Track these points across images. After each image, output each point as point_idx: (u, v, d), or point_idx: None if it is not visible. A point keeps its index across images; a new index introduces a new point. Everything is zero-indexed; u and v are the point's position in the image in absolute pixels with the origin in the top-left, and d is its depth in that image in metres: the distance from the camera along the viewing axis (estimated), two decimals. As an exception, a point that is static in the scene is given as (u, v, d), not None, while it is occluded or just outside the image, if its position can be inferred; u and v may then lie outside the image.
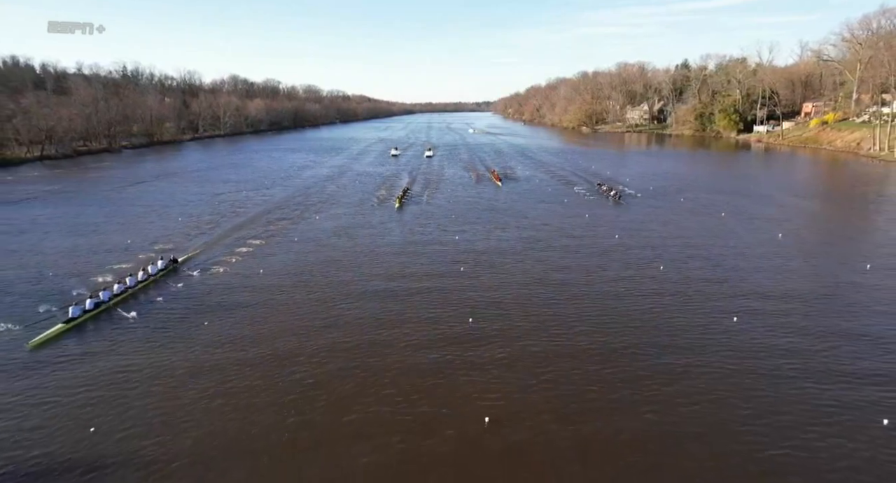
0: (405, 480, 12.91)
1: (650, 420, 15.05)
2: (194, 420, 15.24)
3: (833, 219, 42.95)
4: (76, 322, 21.60)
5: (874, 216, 43.85)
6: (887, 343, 19.64)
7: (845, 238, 36.33)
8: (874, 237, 36.89)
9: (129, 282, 25.55)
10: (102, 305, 23.20)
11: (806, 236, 36.22)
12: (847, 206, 47.92)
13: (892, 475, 12.73)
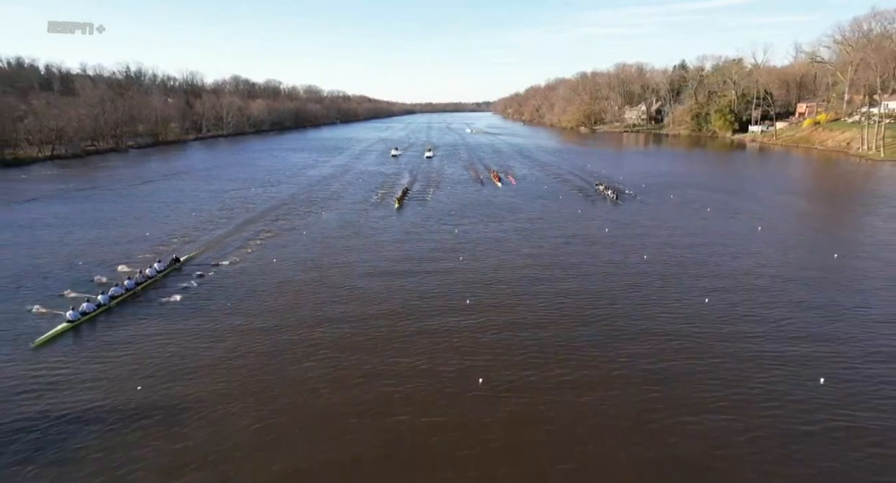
0: (414, 410, 15.23)
1: (616, 367, 17.39)
2: (196, 417, 15.58)
3: (811, 214, 45.26)
4: (80, 321, 21.89)
5: (850, 211, 46.16)
6: (836, 313, 22.03)
7: (819, 231, 38.66)
8: (846, 230, 39.18)
9: (132, 282, 25.94)
10: (105, 305, 23.52)
11: (783, 229, 38.53)
12: (827, 203, 50.27)
13: (818, 424, 15.03)
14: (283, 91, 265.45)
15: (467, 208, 47.60)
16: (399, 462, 13.75)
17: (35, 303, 24.04)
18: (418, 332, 21.22)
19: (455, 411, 15.78)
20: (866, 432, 14.49)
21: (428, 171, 76.48)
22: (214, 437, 14.67)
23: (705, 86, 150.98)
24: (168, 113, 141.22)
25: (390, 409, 15.96)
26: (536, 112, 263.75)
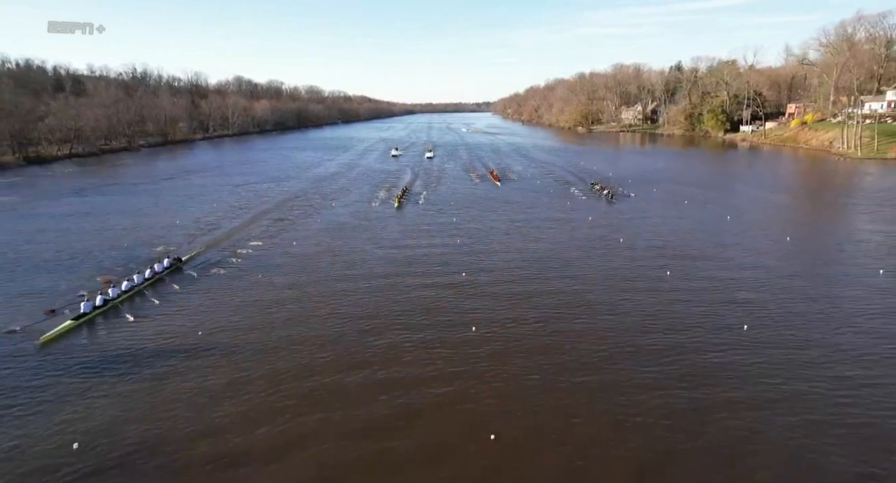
0: (420, 352, 19.44)
1: (585, 328, 21.65)
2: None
3: (778, 205, 49.30)
4: (85, 319, 22.38)
5: (813, 203, 50.41)
6: (764, 278, 26.35)
7: (780, 218, 42.76)
8: (804, 218, 43.40)
9: (136, 280, 26.48)
10: (110, 302, 24.03)
11: (748, 217, 42.75)
12: (795, 196, 54.44)
13: (736, 366, 19.25)
14: (285, 91, 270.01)
15: (465, 201, 51.82)
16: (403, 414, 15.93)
17: (87, 280, 27.20)
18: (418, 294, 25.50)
19: (449, 369, 18.35)
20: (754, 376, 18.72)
21: (428, 170, 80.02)
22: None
23: (699, 87, 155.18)
24: (176, 113, 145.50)
25: (391, 374, 18.36)
26: (535, 112, 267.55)
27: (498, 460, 13.94)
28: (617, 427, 15.12)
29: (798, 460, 13.65)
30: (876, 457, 13.62)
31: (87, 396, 16.78)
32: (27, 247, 34.74)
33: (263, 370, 18.42)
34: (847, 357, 18.95)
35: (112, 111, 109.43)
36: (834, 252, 32.99)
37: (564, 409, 16.04)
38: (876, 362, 18.53)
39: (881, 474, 13.06)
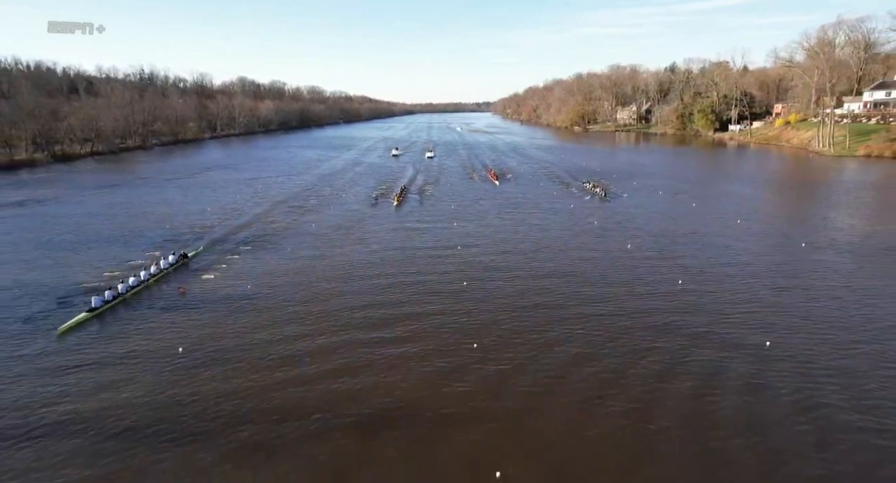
0: (421, 316, 24.92)
1: (564, 304, 27.25)
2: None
3: (742, 195, 54.74)
4: (98, 311, 23.57)
5: (773, 193, 56.03)
6: (701, 248, 31.91)
7: (739, 206, 48.23)
8: (759, 205, 48.94)
9: (144, 275, 27.55)
10: (120, 296, 25.14)
11: (712, 205, 48.42)
12: (760, 187, 59.99)
13: (671, 314, 24.81)
14: (287, 92, 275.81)
15: (462, 194, 57.43)
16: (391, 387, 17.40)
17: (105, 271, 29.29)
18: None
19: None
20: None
21: (428, 169, 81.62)
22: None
23: (691, 87, 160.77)
24: (186, 113, 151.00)
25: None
26: (534, 112, 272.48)
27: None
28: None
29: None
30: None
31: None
32: (87, 228, 40.45)
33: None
34: (737, 297, 24.60)
35: (128, 112, 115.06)
36: (769, 228, 38.88)
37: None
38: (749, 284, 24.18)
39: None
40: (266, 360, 19.36)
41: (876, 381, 17.46)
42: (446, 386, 17.54)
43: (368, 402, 16.53)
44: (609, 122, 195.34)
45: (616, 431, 15.03)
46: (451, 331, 21.83)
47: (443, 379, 17.98)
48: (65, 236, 37.96)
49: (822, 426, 15.10)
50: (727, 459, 13.79)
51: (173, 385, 17.63)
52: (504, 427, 15.30)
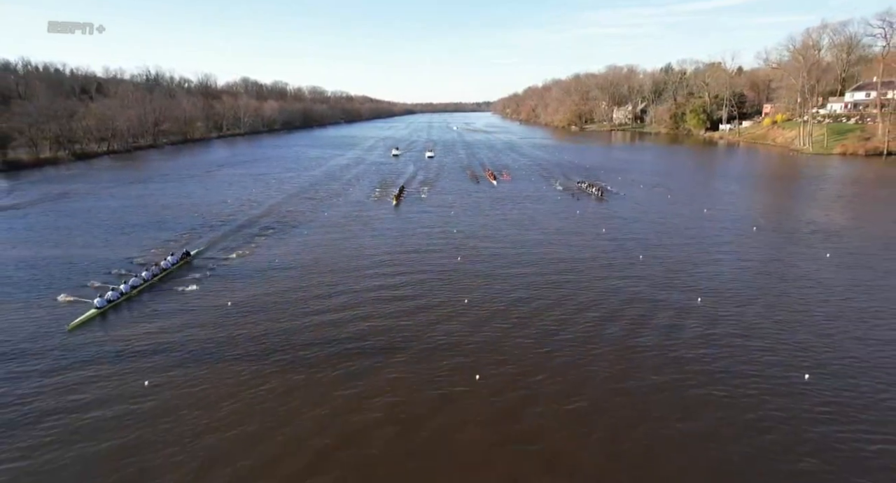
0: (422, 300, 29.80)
1: (548, 286, 32.17)
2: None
3: (715, 188, 59.78)
4: (105, 308, 24.56)
5: (742, 186, 60.84)
6: (671, 241, 36.85)
7: (709, 197, 53.16)
8: (727, 197, 53.82)
9: (147, 274, 28.37)
10: (126, 294, 26.10)
11: (685, 197, 53.31)
12: (734, 181, 64.89)
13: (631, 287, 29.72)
14: (289, 92, 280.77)
15: (464, 202, 62.36)
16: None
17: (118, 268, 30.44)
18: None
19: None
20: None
21: (427, 168, 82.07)
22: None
23: (685, 88, 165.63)
24: (194, 113, 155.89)
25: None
26: (533, 112, 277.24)
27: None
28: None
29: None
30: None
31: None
32: (125, 216, 45.45)
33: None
34: (720, 280, 29.56)
35: (140, 112, 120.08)
36: (728, 215, 43.78)
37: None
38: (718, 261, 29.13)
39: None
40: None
41: (795, 325, 22.42)
42: (437, 323, 22.52)
43: (372, 335, 21.48)
44: (605, 121, 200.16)
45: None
46: (444, 286, 26.81)
47: (435, 319, 22.92)
48: (108, 223, 43.00)
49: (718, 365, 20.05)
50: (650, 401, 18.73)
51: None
52: (480, 349, 20.25)
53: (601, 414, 16.11)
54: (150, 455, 14.53)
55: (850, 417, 15.72)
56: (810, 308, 24.11)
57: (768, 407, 16.28)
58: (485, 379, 18.19)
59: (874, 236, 36.80)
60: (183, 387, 17.93)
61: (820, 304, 24.64)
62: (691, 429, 15.26)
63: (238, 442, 15.07)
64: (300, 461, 14.24)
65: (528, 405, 16.60)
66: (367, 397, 17.26)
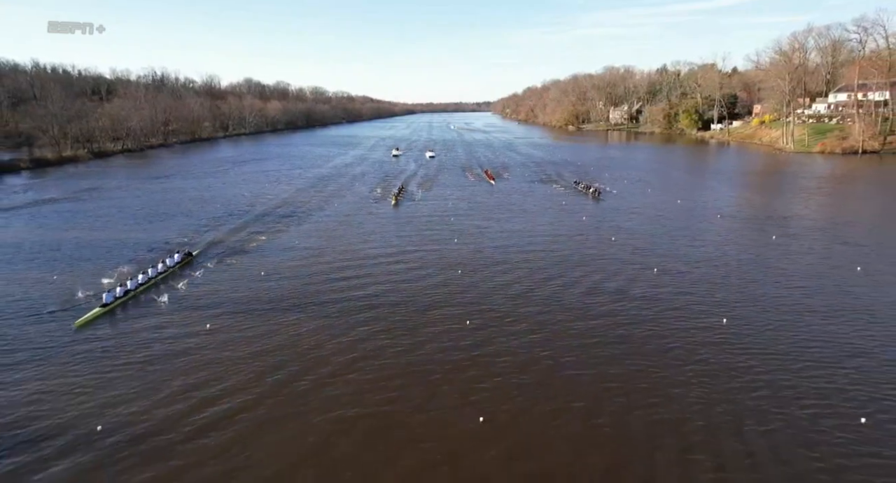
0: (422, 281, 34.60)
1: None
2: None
3: (693, 182, 64.61)
4: (110, 306, 25.02)
5: (720, 181, 65.71)
6: (644, 228, 41.72)
7: (688, 191, 57.95)
8: (704, 191, 58.65)
9: (151, 272, 28.98)
10: (130, 292, 26.63)
11: (664, 190, 58.18)
12: (710, 176, 69.73)
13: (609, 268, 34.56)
14: (291, 93, 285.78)
15: (463, 202, 67.21)
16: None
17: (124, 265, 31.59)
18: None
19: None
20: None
21: (427, 168, 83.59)
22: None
23: (678, 88, 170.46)
24: (201, 114, 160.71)
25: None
26: (531, 112, 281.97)
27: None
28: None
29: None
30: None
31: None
32: (157, 207, 50.46)
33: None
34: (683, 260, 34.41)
35: (152, 112, 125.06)
36: (698, 205, 48.59)
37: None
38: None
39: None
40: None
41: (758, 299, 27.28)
42: (432, 288, 27.39)
43: (372, 294, 26.32)
44: (601, 121, 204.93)
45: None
46: (441, 258, 31.65)
47: (431, 287, 27.77)
48: (143, 212, 47.99)
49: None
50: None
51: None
52: (461, 314, 25.07)
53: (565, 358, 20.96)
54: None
55: (756, 347, 20.53)
56: (740, 273, 29.04)
57: (693, 340, 21.09)
58: (474, 324, 23.04)
59: (817, 222, 41.86)
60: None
61: (750, 271, 29.62)
62: (624, 348, 20.10)
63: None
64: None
65: (500, 336, 21.45)
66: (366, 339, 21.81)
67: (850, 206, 49.82)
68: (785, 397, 17.05)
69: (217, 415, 16.45)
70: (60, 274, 30.21)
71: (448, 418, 16.26)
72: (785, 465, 13.88)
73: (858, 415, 15.96)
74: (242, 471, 14.03)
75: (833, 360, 19.44)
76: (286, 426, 15.90)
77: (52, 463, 14.36)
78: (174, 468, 14.09)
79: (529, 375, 18.73)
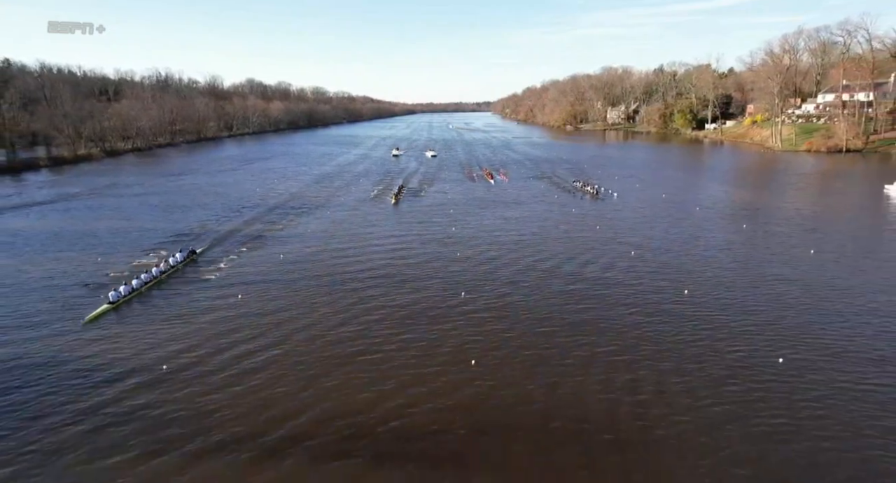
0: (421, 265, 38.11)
1: (524, 267, 40.56)
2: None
3: (677, 178, 67.97)
4: (117, 304, 25.59)
5: (704, 177, 69.25)
6: (628, 221, 45.23)
7: (673, 186, 61.35)
8: (689, 186, 62.13)
9: (156, 271, 29.52)
10: (136, 291, 27.23)
11: (651, 185, 61.65)
12: (702, 174, 73.28)
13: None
14: (293, 93, 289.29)
15: (462, 200, 70.75)
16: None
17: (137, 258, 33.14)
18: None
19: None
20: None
21: (428, 167, 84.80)
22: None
23: (674, 88, 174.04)
24: (207, 114, 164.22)
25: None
26: (530, 112, 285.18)
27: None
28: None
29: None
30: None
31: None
32: (175, 200, 54.06)
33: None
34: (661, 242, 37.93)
35: (159, 112, 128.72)
36: (680, 198, 52.03)
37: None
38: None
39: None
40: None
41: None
42: (430, 263, 30.88)
43: (370, 269, 29.82)
44: (599, 121, 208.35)
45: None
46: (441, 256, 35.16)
47: (429, 261, 31.27)
48: (162, 205, 51.60)
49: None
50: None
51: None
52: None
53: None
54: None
55: (717, 315, 24.04)
56: (706, 255, 32.58)
57: (664, 320, 24.41)
58: (468, 299, 26.52)
59: (787, 213, 45.44)
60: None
61: (716, 253, 33.20)
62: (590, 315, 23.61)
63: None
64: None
65: (490, 297, 24.97)
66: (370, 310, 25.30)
67: (820, 199, 53.36)
68: (721, 338, 20.80)
69: (229, 404, 17.05)
70: (103, 255, 33.81)
71: (444, 361, 19.80)
72: (710, 397, 17.41)
73: (776, 355, 19.77)
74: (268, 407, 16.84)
75: (770, 318, 23.11)
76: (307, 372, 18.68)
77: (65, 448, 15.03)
78: (179, 458, 14.63)
79: (513, 331, 22.30)
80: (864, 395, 17.16)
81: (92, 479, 13.96)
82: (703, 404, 16.81)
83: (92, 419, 16.39)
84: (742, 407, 16.61)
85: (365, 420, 16.17)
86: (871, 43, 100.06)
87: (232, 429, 15.82)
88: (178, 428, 15.91)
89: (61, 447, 15.08)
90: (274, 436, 15.51)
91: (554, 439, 15.24)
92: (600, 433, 15.47)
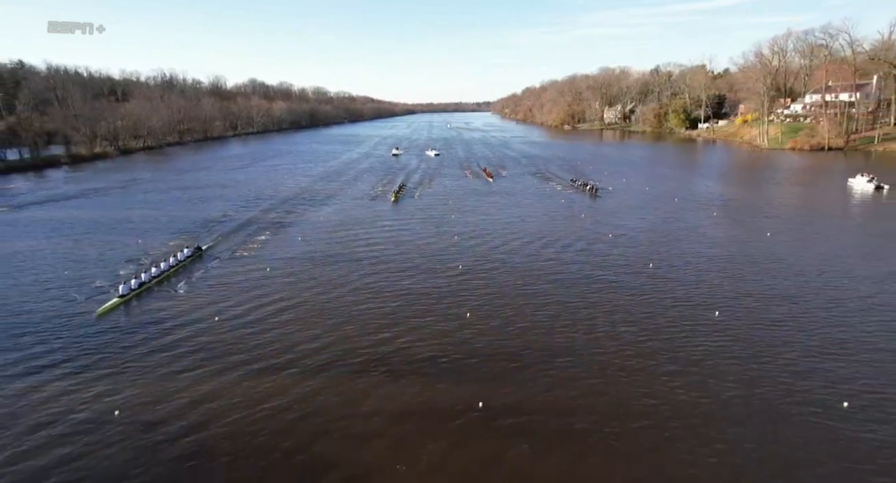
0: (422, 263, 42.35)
1: (516, 260, 44.84)
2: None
3: (665, 174, 72.19)
4: (127, 297, 26.60)
5: (693, 174, 73.48)
6: (611, 209, 49.44)
7: (658, 181, 65.61)
8: (672, 181, 66.34)
9: (164, 266, 30.63)
10: (144, 285, 28.27)
11: (640, 180, 65.90)
12: (688, 170, 77.50)
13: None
14: (294, 93, 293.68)
15: (462, 200, 74.99)
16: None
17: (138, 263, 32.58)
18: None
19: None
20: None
21: (428, 167, 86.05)
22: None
23: (669, 88, 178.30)
24: (213, 114, 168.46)
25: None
26: (529, 112, 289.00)
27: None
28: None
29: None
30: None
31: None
32: (196, 193, 58.39)
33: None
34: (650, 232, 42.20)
35: (168, 112, 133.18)
36: (664, 191, 56.20)
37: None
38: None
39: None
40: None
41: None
42: (430, 245, 35.11)
43: (371, 253, 34.04)
44: (596, 120, 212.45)
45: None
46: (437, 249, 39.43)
47: (429, 244, 35.50)
48: (184, 198, 55.96)
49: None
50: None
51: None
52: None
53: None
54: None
55: (671, 282, 28.27)
56: (674, 237, 36.91)
57: (627, 285, 28.63)
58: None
59: (757, 202, 49.82)
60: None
61: (683, 235, 37.58)
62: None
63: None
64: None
65: (485, 275, 29.22)
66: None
67: (790, 191, 57.67)
68: (668, 298, 25.25)
69: (238, 396, 17.68)
70: (142, 237, 38.12)
71: (444, 313, 24.18)
72: (671, 361, 21.72)
73: (713, 310, 24.16)
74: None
75: (714, 283, 27.48)
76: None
77: (66, 439, 15.65)
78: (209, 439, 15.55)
79: (500, 293, 26.65)
80: (777, 331, 21.61)
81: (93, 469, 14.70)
82: (641, 339, 21.39)
83: (100, 409, 17.18)
84: (678, 344, 20.95)
85: (381, 350, 20.70)
86: (853, 46, 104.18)
87: (247, 415, 16.66)
88: (184, 420, 16.61)
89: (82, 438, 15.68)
90: (310, 361, 19.93)
91: (527, 361, 19.78)
92: (560, 357, 19.99)
